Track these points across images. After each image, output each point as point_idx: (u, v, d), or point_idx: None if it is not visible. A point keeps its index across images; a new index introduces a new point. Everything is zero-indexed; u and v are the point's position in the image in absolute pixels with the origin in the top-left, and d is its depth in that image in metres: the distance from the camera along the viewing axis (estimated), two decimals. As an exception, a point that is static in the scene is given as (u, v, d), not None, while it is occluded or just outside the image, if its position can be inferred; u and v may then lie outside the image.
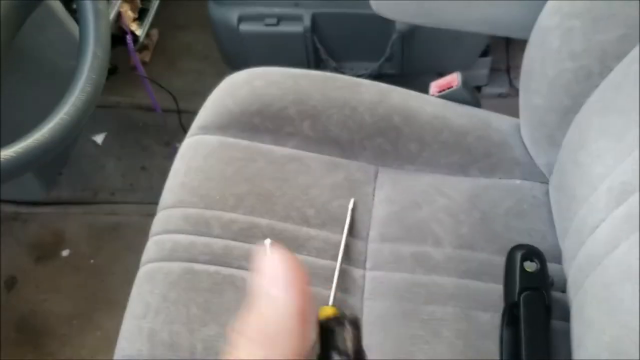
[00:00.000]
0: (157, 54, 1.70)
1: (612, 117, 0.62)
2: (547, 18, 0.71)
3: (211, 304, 0.68)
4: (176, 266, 0.71)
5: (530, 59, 0.76)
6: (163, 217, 0.77)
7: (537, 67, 0.74)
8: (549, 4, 0.72)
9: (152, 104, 1.35)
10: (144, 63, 1.68)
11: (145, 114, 1.56)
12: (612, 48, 0.62)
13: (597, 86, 0.66)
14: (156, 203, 1.37)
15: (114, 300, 1.22)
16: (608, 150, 0.61)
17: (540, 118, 0.76)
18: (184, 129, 1.41)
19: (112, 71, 1.25)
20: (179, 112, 1.38)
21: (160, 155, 1.48)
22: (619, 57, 0.62)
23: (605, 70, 0.64)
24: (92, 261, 1.29)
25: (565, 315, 0.67)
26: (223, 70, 1.60)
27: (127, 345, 0.67)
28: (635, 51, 0.61)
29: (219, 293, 0.68)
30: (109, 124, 1.54)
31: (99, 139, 1.51)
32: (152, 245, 0.74)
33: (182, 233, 0.74)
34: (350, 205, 0.77)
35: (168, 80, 1.62)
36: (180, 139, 1.44)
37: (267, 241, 0.72)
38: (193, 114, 1.48)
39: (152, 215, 1.34)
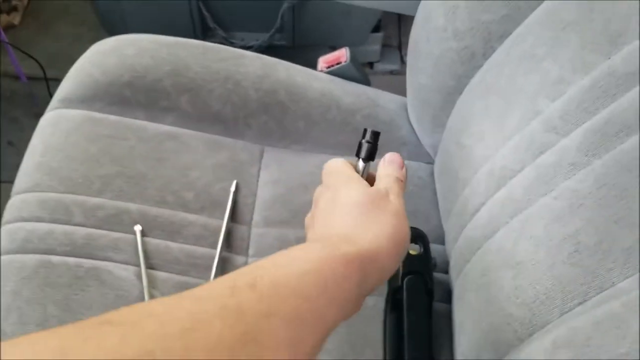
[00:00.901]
0: (28, 17, 1.54)
1: (493, 99, 0.61)
2: (433, -6, 0.69)
3: (71, 301, 0.60)
4: (30, 259, 0.62)
5: (416, 37, 0.74)
6: (16, 202, 0.68)
7: (423, 46, 0.72)
8: (435, -20, 0.70)
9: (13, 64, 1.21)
10: (12, 26, 1.51)
11: (12, 83, 1.41)
12: (495, 28, 0.61)
13: (480, 67, 0.65)
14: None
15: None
16: (489, 133, 0.60)
17: (425, 98, 0.75)
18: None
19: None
20: (46, 80, 1.25)
21: (30, 128, 1.31)
22: (502, 38, 0.61)
23: (488, 51, 0.63)
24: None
25: (448, 297, 0.67)
26: (102, 35, 1.47)
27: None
28: (516, 32, 0.60)
29: (81, 288, 0.61)
30: (-30, 93, 1.38)
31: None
32: (4, 235, 0.65)
33: (38, 221, 0.65)
34: (233, 188, 0.73)
35: (39, 45, 1.47)
36: (52, 111, 1.32)
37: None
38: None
39: (20, 195, 1.22)
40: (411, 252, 0.66)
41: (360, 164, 0.51)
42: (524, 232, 0.51)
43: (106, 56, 0.76)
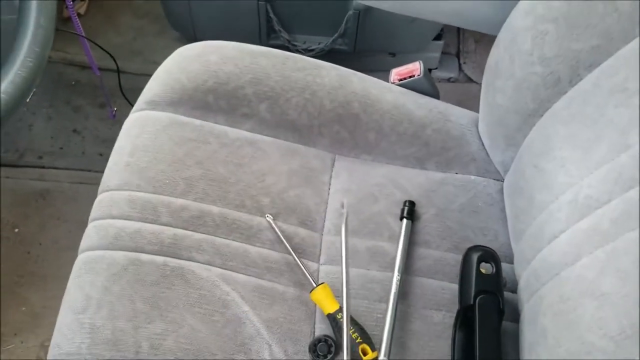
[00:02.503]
0: (94, 6, 1.58)
1: (578, 127, 0.61)
2: (519, 18, 0.70)
3: (158, 298, 0.64)
4: (120, 256, 0.66)
5: (498, 56, 0.75)
6: (105, 199, 0.71)
7: (505, 67, 0.73)
8: (521, 4, 0.70)
9: (87, 61, 1.25)
10: (78, 15, 1.55)
11: (78, 72, 1.45)
12: (584, 57, 0.62)
13: (564, 93, 0.65)
14: (88, 170, 1.30)
15: (40, 274, 1.15)
16: (573, 161, 0.61)
17: (501, 117, 0.76)
18: (122, 91, 1.33)
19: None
20: (118, 72, 1.29)
21: (95, 117, 1.39)
22: (591, 67, 0.62)
23: (575, 78, 0.63)
24: (16, 230, 1.20)
25: (515, 317, 0.68)
26: (165, 29, 1.52)
27: (64, 341, 0.62)
28: (606, 63, 0.60)
29: (167, 287, 0.64)
30: (37, 80, 1.42)
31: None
32: (93, 231, 0.69)
33: (127, 219, 0.68)
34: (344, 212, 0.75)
35: (104, 36, 1.52)
36: (117, 102, 1.36)
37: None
38: (130, 74, 1.41)
39: (83, 183, 1.27)
40: (483, 271, 0.68)
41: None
42: (610, 264, 0.51)
43: (192, 61, 0.79)
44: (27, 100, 0.55)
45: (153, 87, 0.79)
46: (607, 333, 0.49)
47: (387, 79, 0.87)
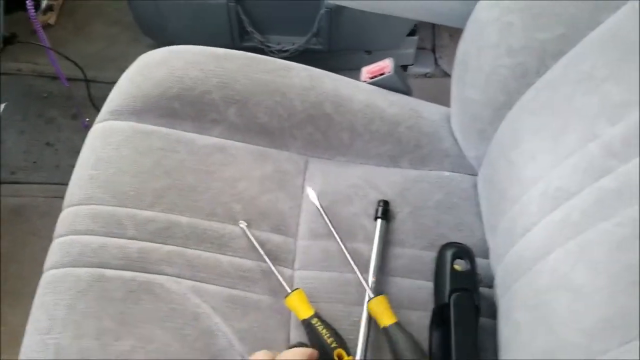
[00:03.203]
0: (64, 16, 1.56)
1: (547, 118, 0.60)
2: (484, 10, 0.69)
3: (126, 315, 0.62)
4: (85, 272, 0.64)
5: (466, 50, 0.74)
6: (69, 215, 0.69)
7: (473, 60, 0.72)
8: (486, -5, 0.69)
9: (57, 72, 1.23)
10: (48, 25, 1.54)
11: (50, 83, 1.43)
12: (551, 47, 0.61)
13: (533, 84, 0.64)
14: (63, 183, 1.26)
15: (20, 292, 1.13)
16: (542, 152, 0.60)
17: (472, 112, 0.74)
18: (92, 101, 1.31)
19: (9, 40, 1.12)
20: (87, 82, 1.27)
21: (68, 129, 1.36)
22: (557, 57, 0.61)
23: (542, 68, 0.62)
24: (-9, 248, 1.18)
25: (492, 312, 0.67)
26: (137, 36, 1.49)
27: (29, 363, 0.60)
28: (573, 52, 0.59)
29: (135, 302, 0.63)
30: (8, 94, 1.40)
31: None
32: (57, 248, 0.67)
33: (92, 234, 0.66)
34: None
35: (75, 45, 1.50)
36: (89, 112, 1.34)
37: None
38: (104, 83, 1.38)
39: (58, 196, 1.23)
40: (457, 268, 0.67)
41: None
42: (582, 256, 0.50)
43: (155, 68, 0.77)
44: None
45: (115, 97, 0.77)
46: (580, 327, 0.48)
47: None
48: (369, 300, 0.65)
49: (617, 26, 0.55)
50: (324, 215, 0.72)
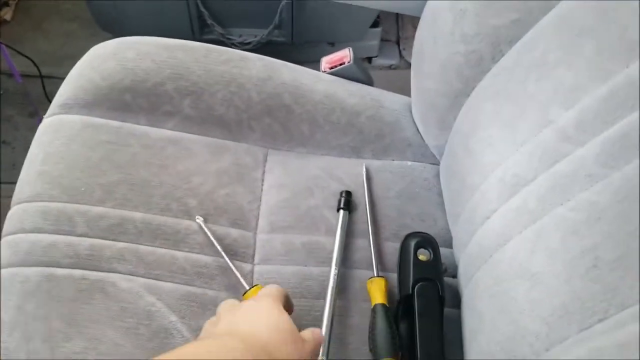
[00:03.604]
0: (20, 12, 1.52)
1: (503, 104, 0.60)
2: (439, -4, 0.68)
3: (77, 315, 0.59)
4: (34, 272, 0.61)
5: (422, 39, 0.73)
6: (17, 213, 0.66)
7: (429, 49, 0.71)
8: (441, -18, 0.68)
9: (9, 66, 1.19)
10: (4, 22, 1.49)
11: (6, 80, 1.39)
12: (505, 33, 0.60)
13: (488, 71, 0.64)
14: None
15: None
16: (499, 139, 0.59)
17: (431, 100, 0.74)
18: (48, 98, 1.27)
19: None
20: (41, 78, 1.23)
21: (25, 127, 1.33)
22: (511, 43, 0.60)
23: (497, 55, 0.62)
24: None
25: (457, 302, 0.66)
26: (96, 32, 1.45)
27: (-26, 369, 0.57)
28: (526, 37, 0.59)
29: (86, 302, 0.60)
30: (-39, 91, 1.35)
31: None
32: (5, 247, 0.64)
33: (41, 232, 0.64)
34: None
35: (32, 42, 1.45)
36: (46, 109, 1.30)
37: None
38: (61, 80, 1.34)
39: (15, 196, 1.21)
40: (421, 257, 0.66)
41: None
42: (539, 243, 0.50)
43: (106, 60, 0.75)
44: None
45: (65, 90, 0.74)
46: (539, 314, 0.48)
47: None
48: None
49: (569, 10, 0.54)
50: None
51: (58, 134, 0.71)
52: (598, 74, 0.48)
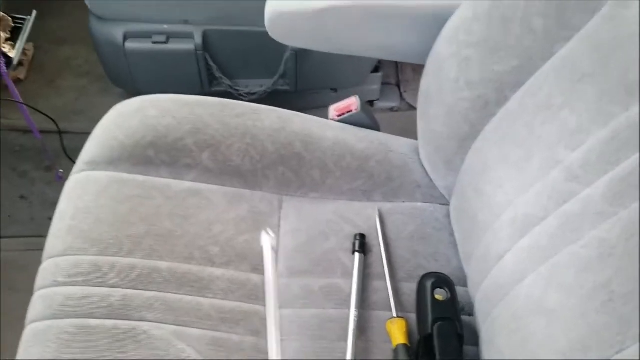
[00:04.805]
0: (33, 71, 1.56)
1: (510, 147, 0.63)
2: (443, 46, 0.72)
3: (111, 364, 0.62)
4: (68, 324, 0.64)
5: (428, 85, 0.77)
6: (50, 267, 0.69)
7: (435, 94, 0.75)
8: (444, 32, 0.73)
9: (29, 125, 1.23)
10: (19, 80, 1.54)
11: (22, 137, 1.43)
12: (508, 78, 0.64)
13: (494, 115, 0.67)
14: (38, 235, 1.26)
15: (-5, 349, 1.10)
16: (509, 180, 0.62)
17: (438, 144, 0.77)
18: (65, 153, 1.31)
19: (-18, 97, 1.13)
20: (60, 134, 1.27)
21: (41, 181, 1.36)
22: (515, 88, 0.64)
23: (502, 100, 0.66)
24: (-33, 306, 1.16)
25: (476, 340, 0.68)
26: (107, 86, 1.51)
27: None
28: (529, 82, 0.63)
29: (120, 351, 0.62)
30: (-20, 148, 1.39)
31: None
32: (39, 301, 0.66)
33: (74, 285, 0.66)
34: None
35: (46, 98, 1.50)
36: (62, 163, 1.34)
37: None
38: (76, 134, 1.39)
39: (34, 249, 1.22)
40: (438, 297, 0.68)
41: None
42: (553, 280, 0.53)
43: (129, 118, 0.79)
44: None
45: (91, 148, 0.78)
46: (558, 349, 0.50)
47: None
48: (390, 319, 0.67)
49: (570, 55, 0.58)
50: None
51: (86, 189, 0.74)
52: (600, 117, 0.52)
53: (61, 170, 1.33)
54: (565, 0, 0.57)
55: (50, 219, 1.28)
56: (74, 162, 1.27)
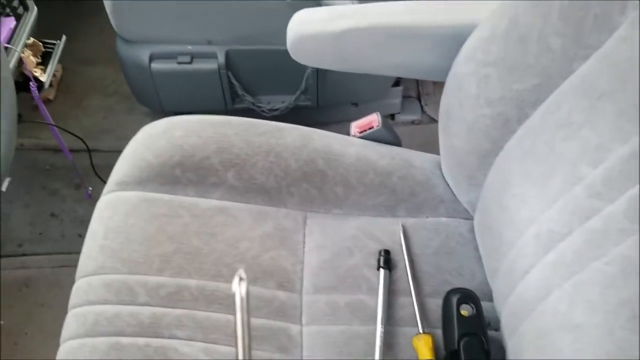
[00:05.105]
0: (62, 91, 1.61)
1: (532, 163, 0.64)
2: (462, 64, 0.73)
3: (143, 381, 0.63)
4: (101, 342, 0.66)
5: (448, 102, 0.78)
6: (82, 286, 0.71)
7: (455, 111, 0.76)
8: (463, 51, 0.74)
9: (59, 144, 1.26)
10: (48, 101, 1.58)
11: (52, 156, 1.47)
12: (528, 96, 0.65)
13: (515, 132, 0.68)
14: (69, 252, 1.30)
15: (28, 366, 1.13)
16: (531, 196, 0.63)
17: (460, 159, 0.78)
18: (94, 171, 1.34)
19: (14, 120, 1.16)
20: (89, 153, 1.31)
21: (71, 199, 1.39)
22: (535, 105, 0.65)
23: (522, 117, 0.66)
24: (1, 322, 1.19)
25: (502, 355, 0.68)
26: (134, 105, 1.54)
27: None
28: (549, 100, 0.63)
29: (151, 368, 0.64)
30: (12, 169, 1.42)
31: (2, 185, 1.40)
32: (72, 320, 0.69)
33: (105, 303, 0.69)
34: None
35: (75, 118, 1.54)
36: (92, 181, 1.38)
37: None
38: (104, 152, 1.42)
39: (66, 266, 1.26)
40: (464, 313, 0.68)
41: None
42: (578, 296, 0.53)
43: (157, 139, 0.81)
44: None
45: (121, 168, 0.80)
46: (585, 365, 0.50)
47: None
48: (416, 335, 0.68)
49: (589, 74, 0.59)
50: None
51: (116, 209, 0.76)
52: (619, 135, 0.52)
53: (90, 189, 1.37)
54: (582, 21, 0.58)
55: (80, 235, 1.32)
56: (102, 180, 1.31)
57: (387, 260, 0.76)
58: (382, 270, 0.75)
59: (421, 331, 0.70)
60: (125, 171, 0.80)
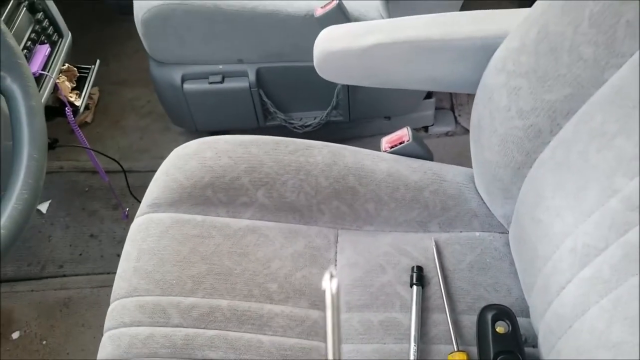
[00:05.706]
0: (99, 113, 1.66)
1: (566, 175, 0.62)
2: (492, 76, 0.72)
3: (177, 403, 0.64)
4: (135, 363, 0.66)
5: (479, 114, 0.76)
6: (117, 308, 0.72)
7: (487, 123, 0.74)
8: (492, 63, 0.73)
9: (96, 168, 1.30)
10: (85, 123, 1.63)
11: (90, 177, 1.50)
12: (560, 107, 0.63)
13: (548, 143, 0.66)
14: (108, 272, 1.32)
15: (70, 384, 1.15)
16: (567, 209, 0.61)
17: (493, 172, 0.76)
18: (130, 191, 1.37)
19: (51, 145, 1.20)
20: (125, 174, 1.33)
21: (109, 219, 1.42)
22: (568, 115, 0.63)
23: (555, 128, 0.64)
24: (44, 342, 1.22)
25: (539, 373, 0.66)
26: (168, 125, 1.58)
27: None
28: (582, 110, 0.61)
29: (184, 389, 0.65)
30: (52, 191, 1.47)
31: (42, 207, 1.44)
32: (108, 341, 0.70)
33: (139, 325, 0.69)
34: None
35: (112, 139, 1.58)
36: (129, 201, 1.41)
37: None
38: (140, 172, 1.45)
39: (104, 286, 1.29)
40: (499, 330, 0.67)
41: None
42: (617, 312, 0.51)
43: (188, 160, 0.82)
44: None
45: (153, 190, 0.81)
46: (625, 384, 0.48)
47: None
48: (451, 353, 0.67)
49: (622, 82, 0.57)
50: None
51: (149, 231, 0.77)
52: (656, 145, 0.50)
53: (127, 209, 1.39)
54: (614, 28, 0.56)
55: (119, 255, 1.35)
56: (138, 200, 1.33)
57: (420, 277, 0.75)
58: (415, 287, 0.74)
59: (456, 349, 0.68)
60: (158, 193, 0.81)
